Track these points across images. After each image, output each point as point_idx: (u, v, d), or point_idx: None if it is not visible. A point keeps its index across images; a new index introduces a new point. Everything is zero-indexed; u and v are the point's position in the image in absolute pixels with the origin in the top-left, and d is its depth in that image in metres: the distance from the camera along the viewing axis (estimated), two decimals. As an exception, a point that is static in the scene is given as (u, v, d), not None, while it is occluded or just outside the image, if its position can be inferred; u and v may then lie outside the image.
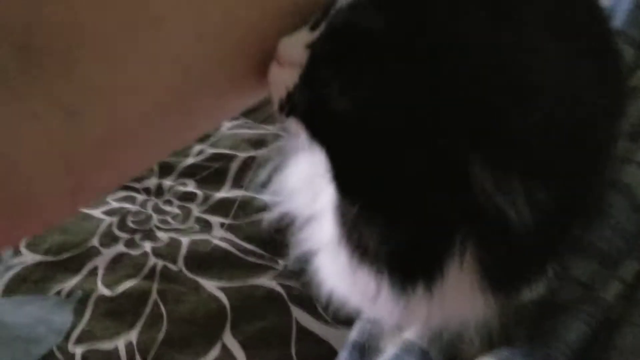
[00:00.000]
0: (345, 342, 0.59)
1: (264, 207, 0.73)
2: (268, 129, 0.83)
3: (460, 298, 0.40)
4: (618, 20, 0.75)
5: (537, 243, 0.37)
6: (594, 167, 0.42)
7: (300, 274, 0.66)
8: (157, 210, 0.76)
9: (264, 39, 0.35)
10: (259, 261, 0.68)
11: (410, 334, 0.55)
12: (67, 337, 0.62)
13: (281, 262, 0.68)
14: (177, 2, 0.30)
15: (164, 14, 0.29)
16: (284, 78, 0.36)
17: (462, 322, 0.47)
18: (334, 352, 0.59)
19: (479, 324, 0.49)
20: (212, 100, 0.35)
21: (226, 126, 0.84)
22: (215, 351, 0.60)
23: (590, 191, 0.41)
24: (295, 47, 0.35)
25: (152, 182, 0.79)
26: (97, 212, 0.76)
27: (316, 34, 0.35)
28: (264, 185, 0.76)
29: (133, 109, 0.30)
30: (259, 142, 0.81)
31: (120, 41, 0.28)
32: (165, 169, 0.81)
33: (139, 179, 0.80)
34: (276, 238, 0.68)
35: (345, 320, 0.61)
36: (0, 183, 0.27)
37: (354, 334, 0.59)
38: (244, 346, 0.60)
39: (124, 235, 0.72)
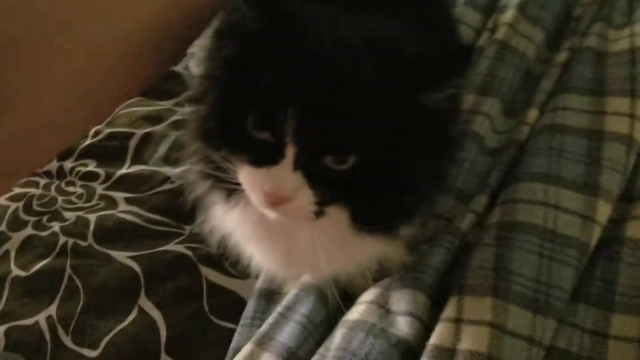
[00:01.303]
0: (252, 290, 0.66)
1: (165, 180, 0.78)
2: (162, 105, 0.86)
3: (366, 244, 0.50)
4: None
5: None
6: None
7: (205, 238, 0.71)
8: (61, 191, 0.77)
9: (155, 41, 0.40)
10: (165, 229, 0.72)
11: (307, 277, 0.63)
12: (-13, 318, 0.64)
13: (187, 227, 0.73)
14: (81, 12, 0.34)
15: (71, 21, 0.34)
16: (303, 204, 0.43)
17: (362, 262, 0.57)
18: (242, 301, 0.66)
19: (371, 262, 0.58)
20: (116, 92, 0.39)
21: (120, 105, 0.86)
22: (132, 314, 0.65)
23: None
24: (289, 182, 0.43)
25: (52, 166, 0.80)
26: (1, 200, 0.77)
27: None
28: (164, 159, 0.80)
29: (55, 102, 0.34)
30: (155, 119, 0.84)
31: (39, 46, 0.33)
32: (64, 153, 0.81)
33: (40, 164, 0.81)
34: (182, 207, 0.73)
35: (248, 273, 0.68)
36: None
37: (259, 282, 0.66)
38: (159, 306, 0.65)
39: (31, 219, 0.74)
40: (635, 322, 0.55)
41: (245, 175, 0.44)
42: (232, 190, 0.47)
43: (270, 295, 0.65)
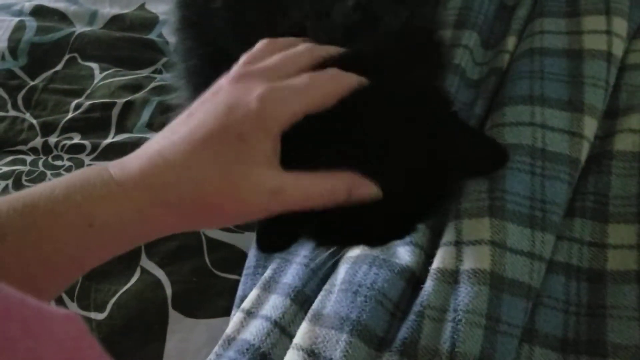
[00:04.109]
0: (252, 242, 0.67)
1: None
2: (141, 73, 0.85)
3: None
4: None
5: None
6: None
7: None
8: (49, 166, 0.77)
9: None
10: (159, 192, 0.72)
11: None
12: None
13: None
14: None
15: None
16: None
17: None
18: (243, 253, 0.66)
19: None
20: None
21: (99, 77, 0.86)
22: (135, 275, 0.65)
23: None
24: None
25: (37, 142, 0.79)
26: (-11, 179, 0.76)
27: None
28: (148, 125, 0.80)
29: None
30: (134, 87, 0.83)
31: None
32: (47, 128, 0.81)
33: (24, 141, 0.80)
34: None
35: (247, 226, 0.68)
36: None
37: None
38: (162, 265, 0.65)
39: (22, 195, 0.73)
40: (631, 229, 0.57)
41: None
42: None
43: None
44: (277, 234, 0.42)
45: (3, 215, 0.34)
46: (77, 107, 0.82)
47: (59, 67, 0.88)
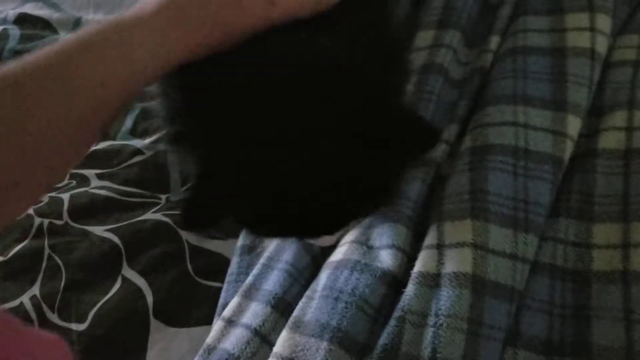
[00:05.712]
0: (235, 248, 0.66)
1: (135, 152, 0.77)
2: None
3: None
4: None
5: None
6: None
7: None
8: (31, 175, 0.76)
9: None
10: (141, 200, 0.71)
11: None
12: (-31, 305, 0.63)
13: (163, 196, 0.72)
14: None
15: None
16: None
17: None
18: (226, 260, 0.66)
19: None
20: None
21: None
22: (116, 284, 0.64)
23: None
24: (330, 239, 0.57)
25: (18, 151, 0.79)
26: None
27: None
28: (131, 132, 0.79)
29: None
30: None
31: None
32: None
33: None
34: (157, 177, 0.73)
35: (230, 233, 0.68)
36: None
37: (241, 240, 0.66)
38: (143, 273, 0.65)
39: (2, 204, 0.73)
40: (616, 228, 0.56)
41: None
42: None
43: (253, 250, 0.65)
44: (202, 211, 0.44)
45: (28, 73, 0.37)
46: (60, 115, 0.81)
47: (41, 75, 0.87)
